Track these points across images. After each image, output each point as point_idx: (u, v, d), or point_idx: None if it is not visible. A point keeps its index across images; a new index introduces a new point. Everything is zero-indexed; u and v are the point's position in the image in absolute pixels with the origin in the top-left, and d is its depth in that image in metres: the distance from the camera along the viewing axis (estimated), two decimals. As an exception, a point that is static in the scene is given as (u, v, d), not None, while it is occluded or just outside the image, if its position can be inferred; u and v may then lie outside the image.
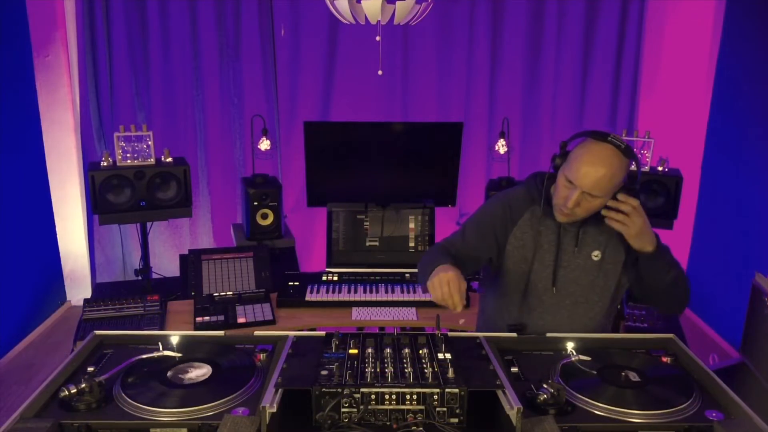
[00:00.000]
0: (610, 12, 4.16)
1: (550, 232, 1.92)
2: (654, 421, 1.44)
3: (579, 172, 1.74)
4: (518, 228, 1.94)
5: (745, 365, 2.46)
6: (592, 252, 1.90)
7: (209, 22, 4.12)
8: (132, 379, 1.55)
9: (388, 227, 3.07)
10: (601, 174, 1.72)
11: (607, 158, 1.72)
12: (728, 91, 3.93)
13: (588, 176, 1.72)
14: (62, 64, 4.10)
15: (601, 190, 1.74)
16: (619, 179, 1.75)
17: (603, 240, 1.90)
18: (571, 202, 1.76)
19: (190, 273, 2.85)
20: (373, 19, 2.63)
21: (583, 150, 1.76)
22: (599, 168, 1.72)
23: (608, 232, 1.88)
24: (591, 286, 1.92)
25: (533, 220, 1.92)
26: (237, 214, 4.39)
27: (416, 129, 3.34)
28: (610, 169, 1.72)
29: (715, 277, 3.99)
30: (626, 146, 1.74)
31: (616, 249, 1.90)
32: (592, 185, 1.73)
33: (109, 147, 4.15)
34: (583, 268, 1.91)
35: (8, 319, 3.73)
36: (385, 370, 1.48)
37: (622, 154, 1.74)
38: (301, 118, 3.97)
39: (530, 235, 1.93)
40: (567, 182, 1.78)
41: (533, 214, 1.93)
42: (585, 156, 1.74)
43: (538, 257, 1.93)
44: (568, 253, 1.91)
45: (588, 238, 1.91)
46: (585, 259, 1.91)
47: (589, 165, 1.73)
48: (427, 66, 4.27)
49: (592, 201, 1.77)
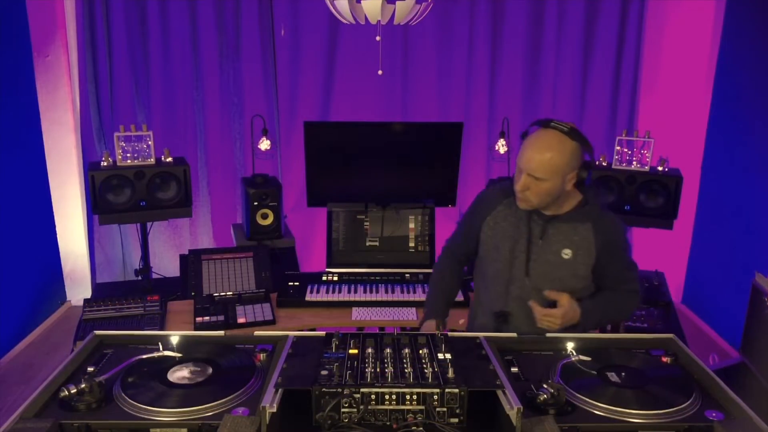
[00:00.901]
0: (610, 12, 4.16)
1: (522, 223, 2.00)
2: (654, 421, 1.44)
3: (524, 157, 1.87)
4: (491, 217, 2.06)
5: (745, 365, 2.46)
6: (563, 249, 1.96)
7: (209, 22, 4.12)
8: (132, 379, 1.55)
9: (388, 227, 3.07)
10: (543, 157, 1.83)
11: (548, 141, 1.84)
12: (728, 90, 3.93)
13: (531, 160, 1.84)
14: (62, 64, 4.10)
15: (545, 172, 1.83)
16: (565, 161, 1.84)
17: (577, 241, 1.95)
18: (519, 185, 1.88)
19: (190, 273, 2.85)
20: (373, 19, 2.63)
21: (529, 138, 1.89)
22: (542, 152, 1.83)
23: (582, 234, 1.94)
24: (560, 283, 1.96)
25: (506, 211, 2.03)
26: (237, 214, 4.39)
27: (416, 129, 3.34)
28: (552, 152, 1.83)
29: (715, 277, 3.99)
30: (570, 129, 1.84)
31: (588, 252, 1.95)
32: (535, 168, 1.84)
33: (109, 147, 4.14)
34: (551, 263, 1.96)
35: (8, 319, 3.73)
36: (385, 370, 1.48)
37: (567, 137, 1.83)
38: (301, 118, 3.96)
39: (502, 224, 2.03)
40: (518, 170, 1.91)
41: (507, 206, 2.04)
42: (529, 142, 1.87)
43: (510, 246, 2.01)
44: (535, 245, 1.98)
45: (558, 234, 1.96)
46: (554, 255, 1.96)
47: (532, 150, 1.85)
48: (427, 66, 4.27)
49: (541, 184, 1.86)
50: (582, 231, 1.94)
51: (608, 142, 4.20)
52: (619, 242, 1.99)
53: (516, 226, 2.00)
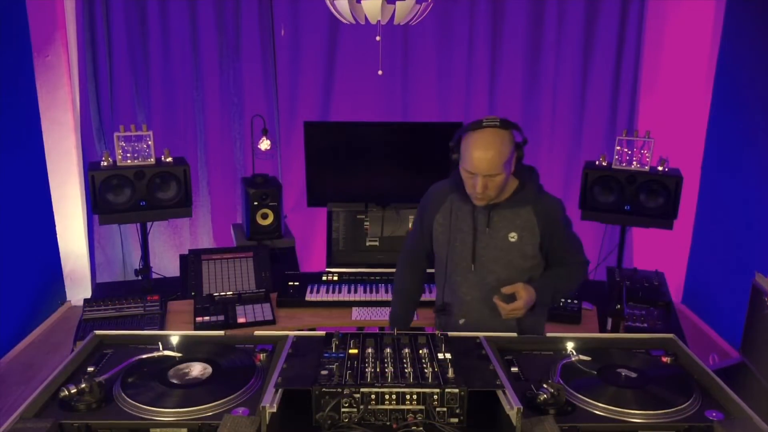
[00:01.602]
0: (610, 12, 4.15)
1: (467, 216, 2.10)
2: (654, 421, 1.44)
3: (473, 161, 1.93)
4: (440, 214, 2.17)
5: (745, 365, 2.46)
6: (509, 233, 2.06)
7: (209, 22, 4.12)
8: (132, 379, 1.55)
9: (388, 227, 3.07)
10: (491, 155, 1.91)
11: (489, 140, 1.92)
12: (728, 91, 3.93)
13: (481, 161, 1.91)
14: (62, 64, 4.10)
15: (497, 167, 1.92)
16: (508, 151, 1.95)
17: (520, 224, 2.06)
18: (479, 187, 1.95)
19: (190, 273, 2.85)
20: (373, 19, 2.63)
21: (468, 142, 1.95)
22: (487, 151, 1.91)
23: (524, 217, 2.06)
24: (511, 265, 2.08)
25: (453, 206, 2.13)
26: (237, 214, 4.39)
27: (416, 129, 3.34)
28: (497, 149, 1.91)
29: (715, 277, 3.99)
30: (501, 120, 1.93)
31: (532, 233, 2.06)
32: (487, 167, 1.92)
33: (109, 147, 4.15)
34: (500, 248, 2.07)
35: (8, 319, 3.73)
36: (385, 370, 1.48)
37: (501, 129, 1.93)
38: (301, 118, 3.97)
39: (449, 219, 2.13)
40: (468, 173, 1.97)
41: (452, 201, 2.14)
42: (471, 146, 1.93)
43: (459, 238, 2.11)
44: (483, 233, 2.08)
45: (502, 221, 2.07)
46: (501, 240, 2.07)
47: (478, 151, 1.92)
48: (427, 66, 4.27)
49: (495, 179, 1.95)
50: (523, 214, 2.06)
51: (608, 142, 4.20)
52: (559, 221, 2.10)
53: (459, 218, 2.11)
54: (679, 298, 4.38)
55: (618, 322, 2.56)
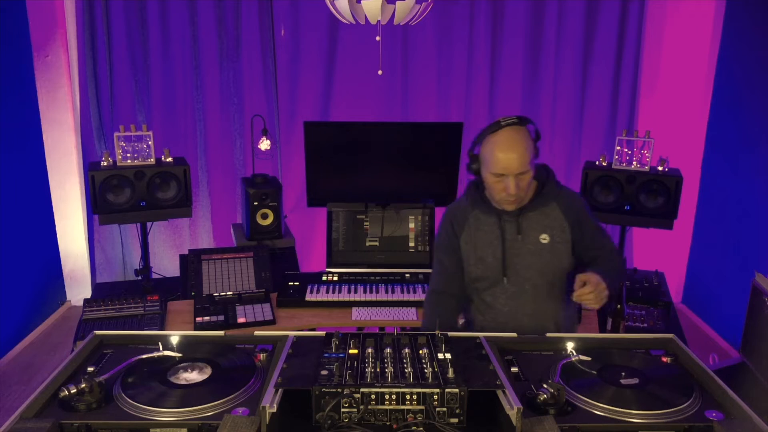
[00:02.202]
0: (610, 12, 4.16)
1: (494, 228, 2.05)
2: (654, 421, 1.44)
3: (502, 162, 1.90)
4: (465, 233, 2.10)
5: (745, 365, 2.46)
6: (540, 236, 2.02)
7: (209, 22, 4.12)
8: (132, 379, 1.55)
9: (388, 227, 3.07)
10: (519, 153, 1.90)
11: (513, 138, 1.91)
12: (728, 91, 3.93)
13: (511, 160, 1.89)
14: (62, 64, 4.10)
15: (526, 164, 1.91)
16: (532, 147, 1.95)
17: (549, 223, 2.03)
18: (512, 188, 1.91)
19: (190, 273, 2.85)
20: (373, 19, 2.63)
21: (492, 145, 1.92)
22: (515, 150, 1.90)
23: (552, 215, 2.03)
24: (547, 267, 2.04)
25: (477, 223, 2.08)
26: (237, 214, 4.39)
27: (416, 129, 3.34)
28: (523, 145, 1.91)
29: (715, 277, 3.99)
30: (518, 117, 1.94)
31: (563, 229, 2.03)
32: (519, 166, 1.90)
33: (109, 147, 4.15)
34: (533, 252, 2.03)
35: (8, 319, 3.73)
36: (385, 370, 1.48)
37: (520, 125, 1.93)
38: (301, 118, 3.97)
39: (477, 234, 2.07)
40: (497, 177, 1.94)
41: (476, 217, 2.09)
42: (497, 148, 1.91)
43: (489, 252, 2.05)
44: (515, 241, 2.03)
45: (532, 224, 2.03)
46: (534, 244, 2.03)
47: (505, 152, 1.90)
48: (427, 66, 4.27)
49: (525, 177, 1.94)
50: (550, 213, 2.03)
51: (608, 142, 4.20)
52: (584, 212, 2.08)
53: (490, 232, 2.06)
54: (679, 298, 4.38)
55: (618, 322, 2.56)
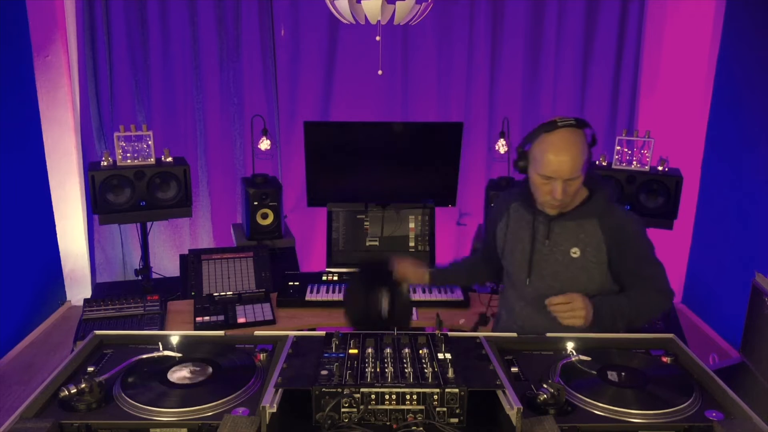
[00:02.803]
0: (610, 12, 4.16)
1: (527, 226, 2.00)
2: (654, 421, 1.44)
3: (552, 165, 1.81)
4: (502, 223, 2.10)
5: (745, 365, 2.46)
6: (570, 248, 1.93)
7: (209, 22, 4.12)
8: (132, 379, 1.55)
9: (388, 227, 3.07)
10: (572, 157, 1.80)
11: (568, 141, 1.81)
12: (728, 90, 3.93)
13: (562, 164, 1.80)
14: (62, 64, 4.10)
15: (578, 170, 1.82)
16: (586, 152, 1.84)
17: (583, 238, 1.93)
18: (559, 193, 1.83)
19: (190, 273, 2.84)
20: (373, 19, 2.63)
21: (544, 144, 1.82)
22: (568, 153, 1.80)
23: (588, 231, 1.92)
24: (572, 282, 1.93)
25: (515, 214, 2.04)
26: (237, 214, 4.39)
27: (416, 129, 3.34)
28: (577, 149, 1.81)
29: (715, 277, 3.99)
30: (576, 119, 1.83)
31: (597, 248, 1.91)
32: (570, 171, 1.81)
33: (109, 147, 4.15)
34: (561, 263, 1.95)
35: (8, 319, 3.73)
36: (385, 370, 1.48)
37: (577, 128, 1.83)
38: (301, 118, 3.97)
39: (513, 227, 2.05)
40: (545, 179, 1.84)
41: (516, 209, 2.05)
42: (550, 148, 1.81)
43: (518, 249, 2.02)
44: (542, 245, 1.97)
45: (565, 234, 1.94)
46: (562, 255, 1.94)
47: (558, 155, 1.80)
48: (427, 66, 4.27)
49: (573, 183, 1.85)
50: (588, 228, 1.90)
51: (608, 142, 4.20)
52: (630, 236, 1.91)
53: (524, 228, 2.02)
54: (679, 298, 4.38)
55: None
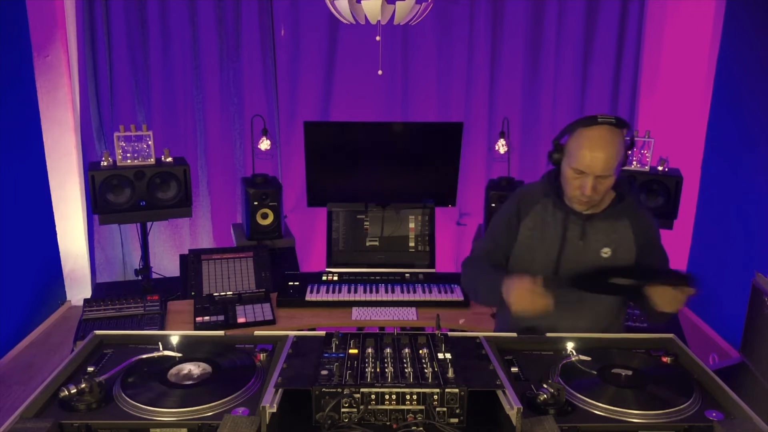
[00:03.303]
0: (610, 12, 4.16)
1: (558, 224, 1.95)
2: (654, 421, 1.44)
3: (586, 159, 1.78)
4: (529, 218, 1.99)
5: (745, 365, 2.46)
6: (602, 249, 1.92)
7: (209, 22, 4.12)
8: (132, 379, 1.55)
9: (388, 227, 3.07)
10: (607, 155, 1.77)
11: (605, 138, 1.78)
12: (728, 90, 3.93)
13: (597, 161, 1.77)
14: (62, 64, 4.10)
15: (611, 169, 1.79)
16: (622, 152, 1.81)
17: (615, 238, 1.92)
18: (588, 189, 1.80)
19: (190, 273, 2.85)
20: (373, 19, 2.63)
21: (581, 139, 1.81)
22: (604, 150, 1.77)
23: (620, 232, 1.91)
24: None
25: (543, 212, 1.97)
26: (237, 214, 4.39)
27: (416, 129, 3.34)
28: (614, 148, 1.78)
29: (715, 277, 3.99)
30: (617, 118, 1.81)
31: (628, 249, 1.92)
32: (603, 168, 1.78)
33: (109, 147, 4.15)
34: (591, 263, 1.92)
35: (8, 319, 3.73)
36: (385, 370, 1.48)
37: (616, 128, 1.80)
38: (301, 118, 3.97)
39: (538, 225, 1.97)
40: (576, 173, 1.82)
41: (544, 206, 1.97)
42: (586, 143, 1.79)
43: (544, 247, 1.95)
44: (574, 245, 1.93)
45: (597, 234, 1.92)
46: (593, 255, 1.92)
47: (593, 150, 1.78)
48: (427, 66, 4.27)
49: (605, 182, 1.82)
50: (620, 228, 1.91)
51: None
52: (656, 238, 1.97)
53: (550, 225, 1.96)
54: (679, 298, 4.37)
55: None
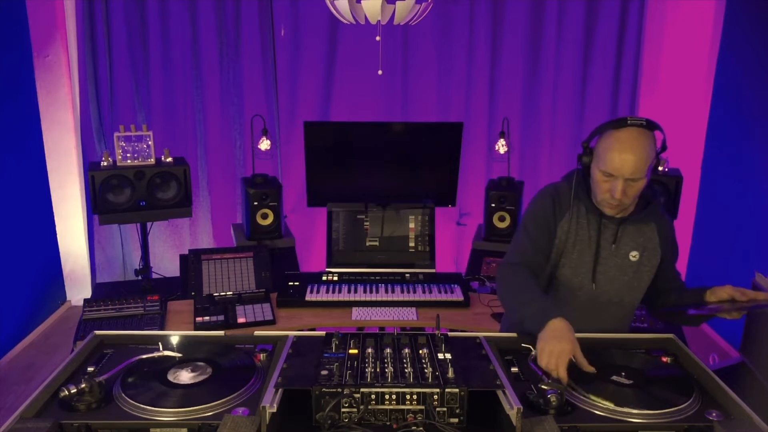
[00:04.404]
0: (610, 12, 4.16)
1: (592, 228, 1.92)
2: (654, 421, 1.44)
3: (615, 162, 1.76)
4: (565, 220, 1.93)
5: (745, 365, 2.45)
6: (630, 252, 1.91)
7: (209, 22, 4.12)
8: (132, 379, 1.55)
9: (388, 227, 3.07)
10: (637, 157, 1.74)
11: (636, 140, 1.75)
12: (728, 90, 3.93)
13: (626, 163, 1.74)
14: (62, 64, 4.10)
15: (641, 171, 1.76)
16: (653, 155, 1.79)
17: (642, 242, 1.91)
18: (618, 192, 1.77)
19: (190, 273, 2.85)
20: (373, 19, 2.63)
21: (611, 141, 1.78)
22: (634, 152, 1.74)
23: (647, 235, 1.91)
24: (626, 286, 1.93)
25: (577, 215, 1.93)
26: (237, 214, 4.39)
27: (416, 129, 3.34)
28: (644, 150, 1.75)
29: (715, 277, 3.98)
30: (647, 121, 1.78)
31: (654, 252, 1.92)
32: (632, 171, 1.75)
33: (109, 147, 4.15)
34: (620, 267, 1.92)
35: (8, 319, 3.73)
36: (385, 370, 1.48)
37: (647, 130, 1.78)
38: (301, 118, 3.97)
39: (573, 228, 1.93)
40: (606, 176, 1.80)
41: (577, 208, 1.93)
42: (615, 145, 1.76)
43: (576, 251, 1.92)
44: (606, 250, 1.92)
45: (627, 238, 1.92)
46: (622, 259, 1.91)
47: (623, 153, 1.75)
48: (427, 66, 4.27)
49: (635, 185, 1.79)
50: (647, 232, 1.92)
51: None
52: (675, 243, 1.99)
53: (586, 229, 1.93)
54: (679, 298, 4.38)
55: None
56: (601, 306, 1.94)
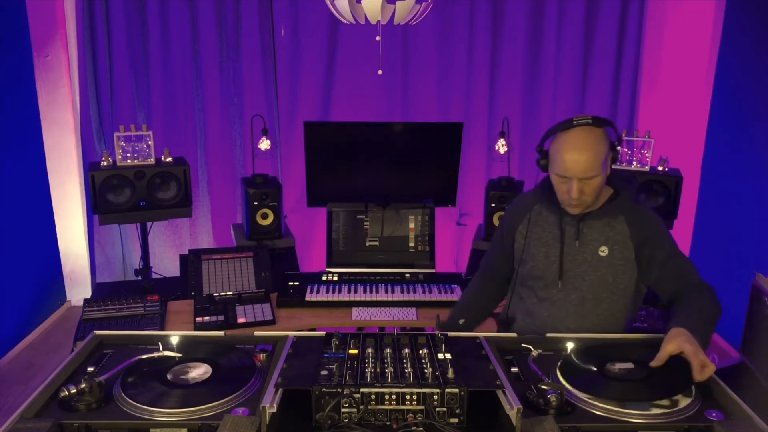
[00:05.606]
0: (610, 12, 4.16)
1: (553, 227, 1.96)
2: (654, 421, 1.44)
3: (566, 163, 1.79)
4: (522, 225, 2.02)
5: (745, 365, 2.45)
6: (599, 247, 1.91)
7: (209, 22, 4.12)
8: (132, 379, 1.55)
9: (388, 227, 3.07)
10: (586, 156, 1.78)
11: (584, 140, 1.79)
12: (728, 90, 3.93)
13: (577, 164, 1.78)
14: (62, 64, 4.10)
15: (594, 169, 1.79)
16: (604, 151, 1.81)
17: (612, 236, 1.91)
18: (575, 192, 1.80)
19: (190, 273, 2.84)
20: (373, 19, 2.63)
21: (560, 143, 1.82)
22: (583, 152, 1.78)
23: (616, 229, 1.90)
24: (600, 282, 1.92)
25: (537, 217, 1.99)
26: (237, 214, 4.39)
27: (416, 129, 3.34)
28: (592, 148, 1.78)
29: (715, 277, 3.96)
30: (593, 118, 1.81)
31: (625, 246, 1.90)
32: (584, 170, 1.78)
33: (109, 147, 4.15)
34: (589, 263, 1.92)
35: (8, 319, 3.73)
36: (385, 370, 1.48)
37: (595, 127, 1.81)
38: (301, 118, 3.96)
39: (534, 230, 1.98)
40: (561, 178, 1.84)
41: (537, 211, 1.99)
42: (564, 147, 1.80)
43: (543, 251, 1.96)
44: (571, 247, 1.93)
45: (592, 233, 1.92)
46: (591, 255, 1.92)
47: (572, 153, 1.79)
48: (427, 66, 4.27)
49: (591, 182, 1.81)
50: (616, 225, 1.89)
51: (608, 142, 4.19)
52: (656, 233, 1.90)
53: (548, 230, 1.97)
54: (679, 298, 4.37)
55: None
56: (574, 303, 1.94)
